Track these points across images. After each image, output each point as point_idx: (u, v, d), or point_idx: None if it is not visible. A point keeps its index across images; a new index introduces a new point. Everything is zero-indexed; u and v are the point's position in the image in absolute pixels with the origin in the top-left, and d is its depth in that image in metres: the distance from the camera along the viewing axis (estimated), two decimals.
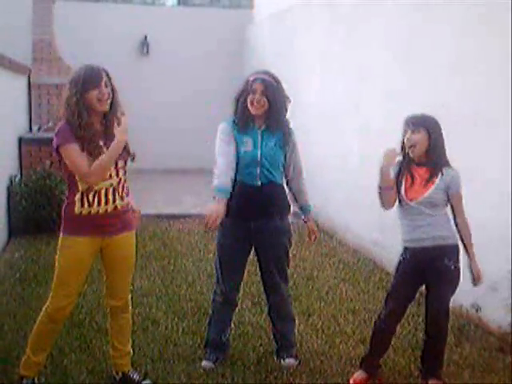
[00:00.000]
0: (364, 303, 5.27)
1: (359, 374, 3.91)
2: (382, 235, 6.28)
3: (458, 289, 5.03)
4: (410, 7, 5.97)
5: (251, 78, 3.90)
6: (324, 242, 7.39)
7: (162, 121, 12.63)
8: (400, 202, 3.79)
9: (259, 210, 3.95)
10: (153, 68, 12.68)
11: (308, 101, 8.73)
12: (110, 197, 3.47)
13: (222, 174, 3.81)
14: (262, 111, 3.87)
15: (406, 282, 3.80)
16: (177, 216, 8.53)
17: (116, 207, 3.51)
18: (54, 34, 10.24)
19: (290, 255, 4.16)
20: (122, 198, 3.54)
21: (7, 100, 7.40)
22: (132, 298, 5.18)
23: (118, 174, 3.51)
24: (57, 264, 3.51)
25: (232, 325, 4.41)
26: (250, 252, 4.11)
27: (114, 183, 3.49)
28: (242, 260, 4.10)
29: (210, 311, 4.23)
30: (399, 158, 3.78)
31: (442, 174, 3.70)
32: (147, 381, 3.79)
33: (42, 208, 7.10)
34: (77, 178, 3.40)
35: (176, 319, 4.81)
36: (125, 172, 3.58)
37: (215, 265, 4.16)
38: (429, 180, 3.70)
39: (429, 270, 3.72)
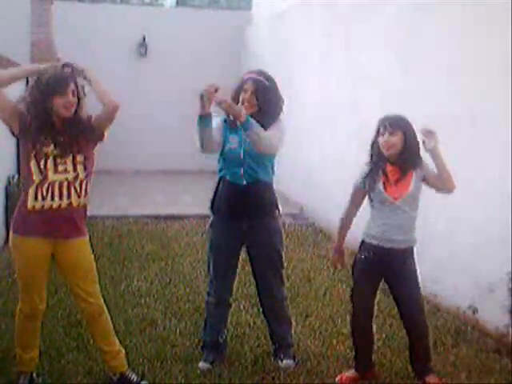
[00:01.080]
0: None
1: (348, 372, 3.97)
2: None
3: (455, 290, 5.08)
4: (410, 7, 5.98)
5: (245, 77, 3.93)
6: (321, 243, 7.40)
7: (159, 122, 12.62)
8: (373, 201, 3.81)
9: (248, 210, 3.95)
10: (151, 69, 12.67)
11: (306, 101, 8.74)
12: (65, 191, 3.44)
13: None
14: (251, 111, 3.84)
15: (368, 279, 3.88)
16: (175, 216, 8.53)
17: (70, 204, 3.47)
18: (53, 34, 10.24)
19: (284, 256, 4.15)
20: (78, 196, 3.49)
21: None
22: (130, 298, 5.24)
23: (75, 169, 3.47)
24: (15, 267, 3.56)
25: (229, 325, 4.44)
26: (240, 252, 4.11)
27: (70, 178, 3.46)
28: (233, 260, 4.10)
29: (205, 313, 4.23)
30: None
31: (417, 171, 3.73)
32: (144, 382, 3.78)
33: None
34: (32, 169, 3.41)
35: (174, 320, 4.81)
36: (85, 168, 3.51)
37: (207, 266, 4.17)
38: (403, 177, 3.72)
39: (391, 271, 3.80)
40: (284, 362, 4.08)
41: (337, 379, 3.94)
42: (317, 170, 8.11)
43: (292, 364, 4.08)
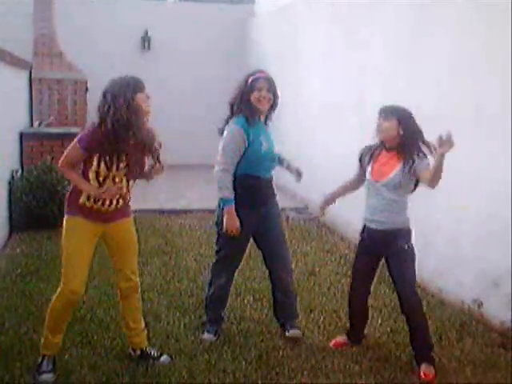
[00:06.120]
0: None
1: (340, 337, 4.34)
2: None
3: (459, 285, 5.07)
4: (412, 6, 5.95)
5: (252, 78, 4.12)
6: (325, 237, 7.39)
7: (162, 116, 12.56)
8: (367, 181, 4.05)
9: (269, 198, 4.33)
10: (154, 63, 12.62)
11: (309, 97, 8.72)
12: (114, 201, 3.71)
13: (226, 186, 4.12)
14: (268, 106, 4.15)
15: (365, 259, 4.14)
16: (178, 211, 8.52)
17: (116, 206, 3.75)
18: (55, 28, 10.22)
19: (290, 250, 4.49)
20: (124, 201, 3.79)
21: (8, 95, 7.39)
22: None
23: (128, 185, 3.77)
24: (63, 247, 3.67)
25: (233, 320, 4.59)
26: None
27: (123, 193, 3.73)
28: (246, 244, 4.39)
29: (209, 292, 4.44)
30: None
31: (409, 160, 3.83)
32: (164, 356, 3.96)
33: (43, 203, 7.09)
34: (89, 176, 3.59)
35: (178, 314, 4.81)
36: (128, 181, 3.78)
37: (217, 250, 4.39)
38: (390, 162, 3.91)
39: (386, 251, 4.00)
40: (291, 331, 4.31)
41: (331, 344, 4.29)
42: (321, 166, 8.08)
43: (299, 333, 4.32)
